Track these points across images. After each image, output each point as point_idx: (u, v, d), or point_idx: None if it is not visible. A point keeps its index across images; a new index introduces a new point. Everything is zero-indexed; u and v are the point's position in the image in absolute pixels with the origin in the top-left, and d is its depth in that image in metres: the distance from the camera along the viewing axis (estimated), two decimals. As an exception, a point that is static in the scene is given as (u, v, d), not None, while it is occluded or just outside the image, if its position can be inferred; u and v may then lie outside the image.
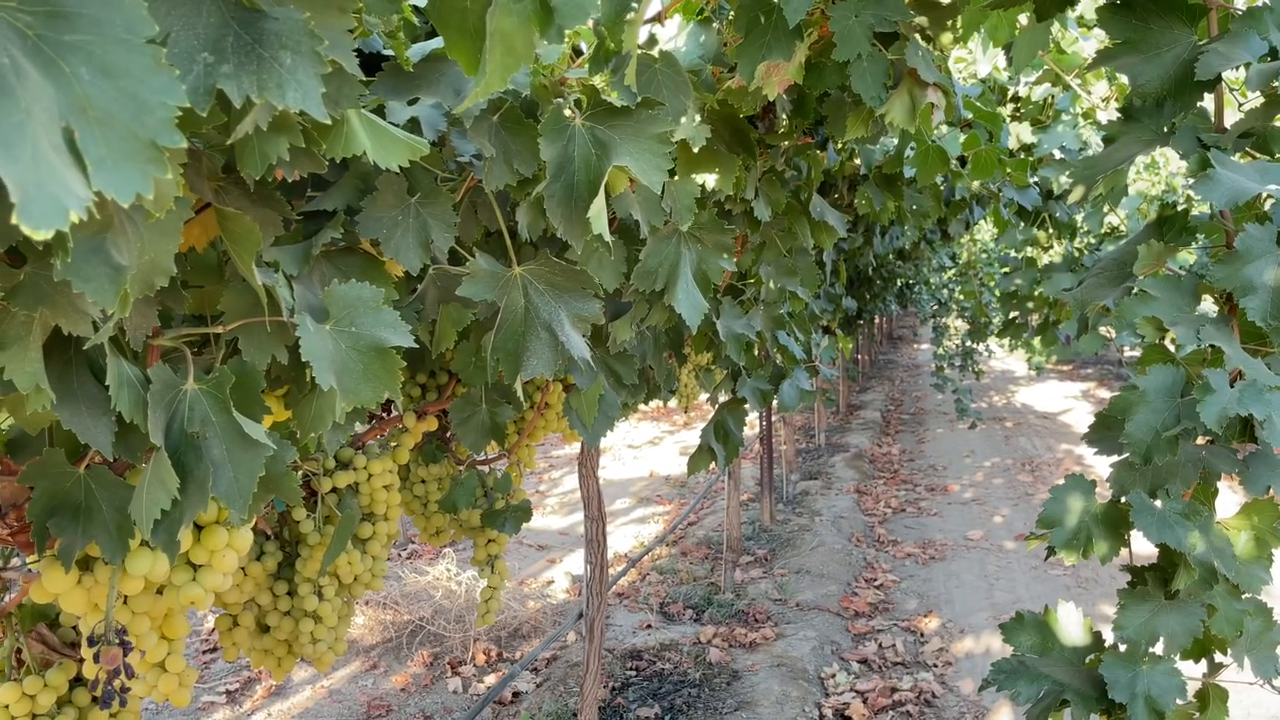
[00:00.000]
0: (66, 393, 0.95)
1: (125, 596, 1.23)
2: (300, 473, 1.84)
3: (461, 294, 1.22)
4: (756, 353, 2.30)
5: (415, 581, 5.08)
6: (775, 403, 2.33)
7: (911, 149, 2.31)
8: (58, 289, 0.80)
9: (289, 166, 0.93)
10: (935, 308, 10.60)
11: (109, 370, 0.93)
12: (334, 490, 1.80)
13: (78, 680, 1.41)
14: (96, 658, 1.08)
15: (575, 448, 9.95)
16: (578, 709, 4.05)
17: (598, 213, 1.10)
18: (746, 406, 2.31)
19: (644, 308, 1.82)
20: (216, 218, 1.00)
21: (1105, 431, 1.32)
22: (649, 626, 4.92)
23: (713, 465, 2.56)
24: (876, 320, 15.85)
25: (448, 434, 2.17)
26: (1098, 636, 1.39)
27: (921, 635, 4.86)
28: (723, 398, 2.38)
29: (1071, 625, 1.38)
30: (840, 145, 2.22)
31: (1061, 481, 1.34)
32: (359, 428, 1.72)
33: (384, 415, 2.11)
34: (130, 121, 0.55)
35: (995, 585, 5.58)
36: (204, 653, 4.81)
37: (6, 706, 1.32)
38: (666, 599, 5.37)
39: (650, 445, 10.33)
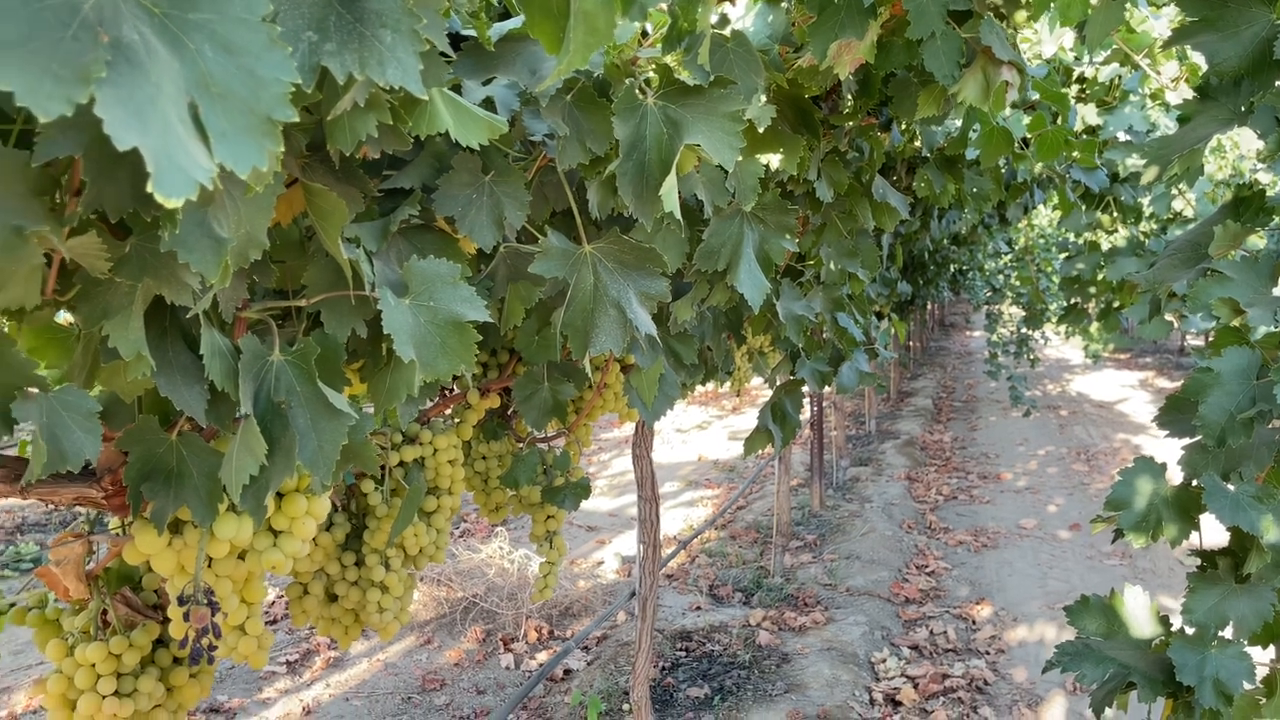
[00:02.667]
0: (163, 361, 0.99)
1: (210, 560, 1.28)
2: (367, 447, 1.89)
3: (534, 271, 1.24)
4: (812, 335, 2.30)
5: (469, 559, 5.16)
6: (833, 385, 2.34)
7: (975, 130, 2.29)
8: (161, 260, 0.83)
9: (376, 143, 0.96)
10: (989, 294, 10.45)
11: (203, 340, 0.97)
12: (401, 464, 1.85)
13: (159, 642, 1.47)
14: (186, 616, 1.13)
15: (623, 431, 10.00)
16: (628, 686, 4.10)
17: (669, 190, 1.12)
18: (805, 389, 2.32)
19: (705, 288, 1.83)
20: (303, 194, 1.03)
21: (1177, 414, 1.31)
22: (698, 608, 4.95)
23: (766, 449, 2.57)
24: (928, 306, 15.67)
25: (509, 411, 2.21)
26: (1165, 620, 1.38)
27: (973, 623, 4.83)
28: (781, 379, 2.39)
29: (1138, 609, 1.38)
30: (904, 126, 2.21)
31: (1129, 464, 1.33)
32: (425, 403, 1.75)
33: (448, 392, 2.15)
34: (248, 97, 0.58)
35: (1049, 574, 5.52)
36: (265, 623, 4.93)
37: (94, 665, 1.39)
38: (715, 581, 5.39)
39: (698, 430, 10.35)
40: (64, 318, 1.17)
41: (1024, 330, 8.31)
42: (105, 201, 0.73)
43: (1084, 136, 2.79)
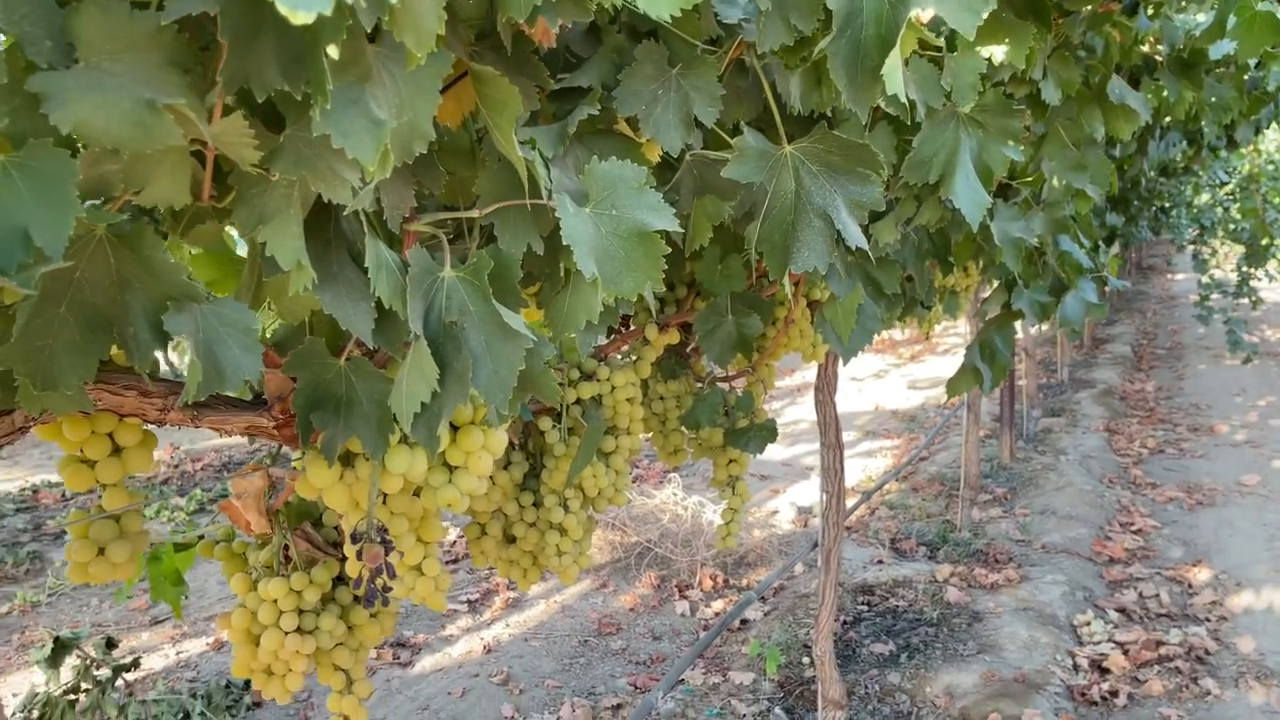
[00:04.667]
0: (326, 275, 0.90)
1: (385, 496, 1.21)
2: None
3: (727, 175, 1.09)
4: (1031, 261, 2.04)
5: (642, 504, 5.12)
6: (1055, 318, 2.08)
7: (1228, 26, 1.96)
8: (317, 151, 0.73)
9: (552, 12, 0.83)
10: (1195, 233, 9.52)
11: (367, 252, 0.87)
12: (578, 401, 1.75)
13: (339, 579, 1.42)
14: (359, 555, 1.06)
15: (794, 379, 9.76)
16: (808, 639, 3.96)
17: (893, 68, 0.94)
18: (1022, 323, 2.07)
19: (911, 205, 1.63)
20: (473, 84, 0.91)
21: None
22: (880, 562, 4.74)
23: (954, 399, 2.34)
24: (1127, 247, 14.50)
25: (688, 349, 2.08)
26: None
27: (1189, 586, 4.41)
28: (992, 312, 2.15)
29: None
30: (1152, 10, 1.90)
31: None
32: (604, 332, 1.64)
33: (625, 327, 2.03)
34: (397, -107, 0.45)
35: (1278, 536, 4.98)
36: (447, 563, 5.07)
37: (275, 601, 1.35)
38: (898, 534, 5.16)
39: (875, 378, 9.99)
40: (244, 252, 1.11)
41: (1245, 268, 7.51)
42: (249, 74, 0.63)
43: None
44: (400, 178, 0.90)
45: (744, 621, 4.23)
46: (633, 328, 1.92)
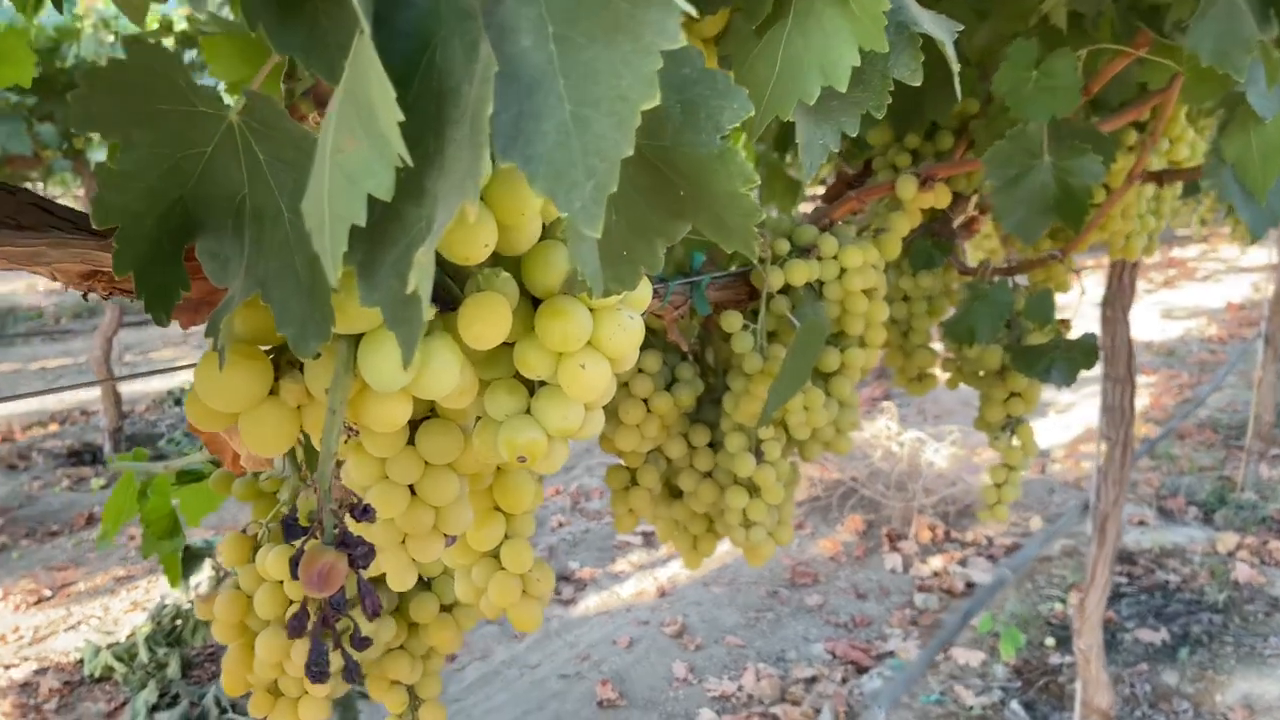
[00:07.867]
0: None
1: (411, 434, 0.63)
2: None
3: None
4: None
5: (848, 436, 4.43)
6: None
7: None
8: None
9: None
10: None
11: None
12: (786, 290, 1.12)
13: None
14: (294, 571, 0.48)
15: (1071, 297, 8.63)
16: (1051, 616, 3.22)
17: None
18: None
19: None
20: None
21: None
22: (1141, 523, 3.88)
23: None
24: None
25: (953, 224, 1.39)
26: None
27: None
28: None
29: None
30: None
31: None
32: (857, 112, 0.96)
33: (860, 181, 1.37)
34: None
35: None
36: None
37: (281, 584, 0.81)
38: (1161, 490, 4.25)
39: (1120, 305, 8.70)
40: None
41: None
42: None
43: None
44: None
45: (969, 585, 3.52)
46: (879, 180, 1.26)
